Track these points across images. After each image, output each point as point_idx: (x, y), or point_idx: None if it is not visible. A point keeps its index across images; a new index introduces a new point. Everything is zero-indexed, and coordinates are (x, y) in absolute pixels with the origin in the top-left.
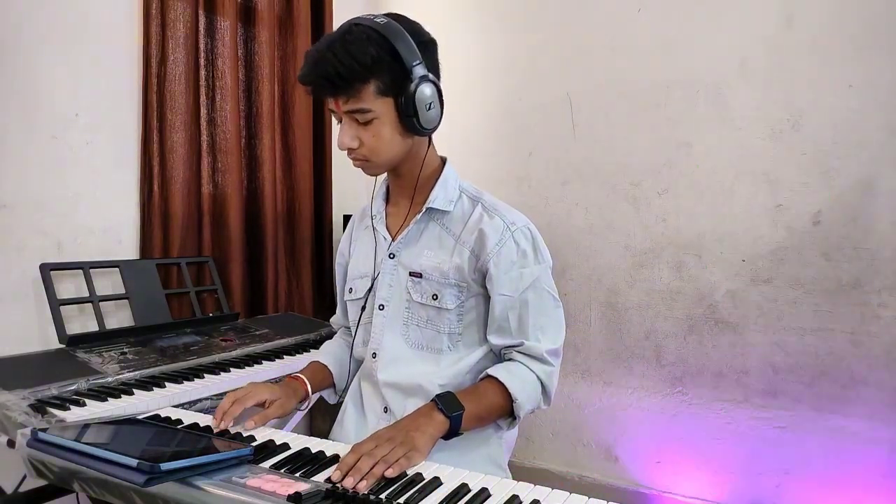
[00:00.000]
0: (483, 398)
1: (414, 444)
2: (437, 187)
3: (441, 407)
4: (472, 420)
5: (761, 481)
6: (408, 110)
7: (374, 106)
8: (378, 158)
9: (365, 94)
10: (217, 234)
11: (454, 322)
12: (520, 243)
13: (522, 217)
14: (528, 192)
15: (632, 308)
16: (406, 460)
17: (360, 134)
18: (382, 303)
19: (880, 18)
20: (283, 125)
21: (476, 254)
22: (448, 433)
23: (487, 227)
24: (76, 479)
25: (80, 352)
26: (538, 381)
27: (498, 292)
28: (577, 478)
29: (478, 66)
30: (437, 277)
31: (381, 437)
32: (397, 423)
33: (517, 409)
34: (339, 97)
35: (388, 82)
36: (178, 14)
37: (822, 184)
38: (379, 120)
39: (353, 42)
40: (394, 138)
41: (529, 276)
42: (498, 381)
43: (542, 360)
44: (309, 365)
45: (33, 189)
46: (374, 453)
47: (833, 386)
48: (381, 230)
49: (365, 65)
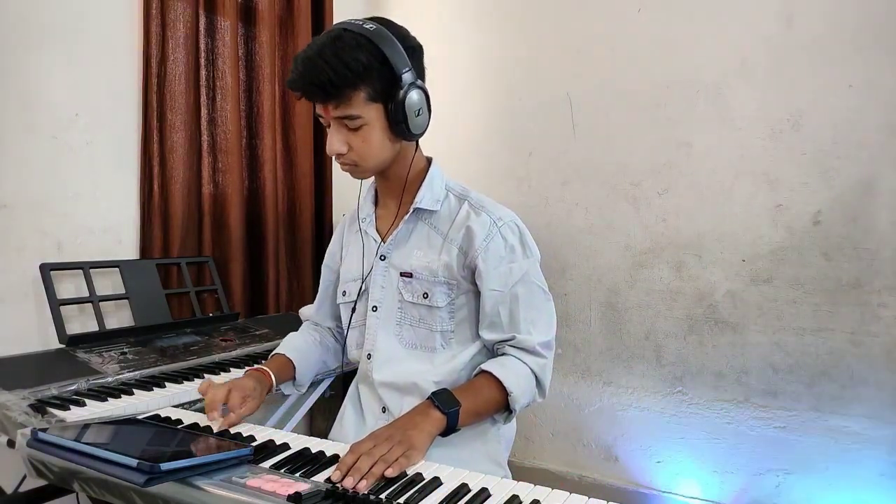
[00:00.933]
0: (479, 393)
1: (412, 443)
2: (424, 187)
3: (437, 404)
4: (469, 415)
5: (761, 481)
6: (397, 116)
7: (363, 112)
8: (367, 163)
9: (355, 100)
10: (217, 234)
11: (446, 320)
12: (507, 238)
13: (509, 212)
14: (528, 192)
15: (632, 308)
16: (405, 459)
17: (349, 139)
18: (375, 304)
19: (880, 18)
20: (284, 125)
21: (464, 251)
22: (445, 430)
23: (474, 224)
24: (76, 479)
25: (80, 352)
26: (532, 374)
27: (488, 287)
28: (576, 478)
29: (478, 66)
30: (427, 276)
31: (380, 437)
32: (395, 422)
33: (513, 402)
34: (328, 103)
35: (378, 89)
36: (179, 14)
37: (822, 184)
38: (368, 126)
39: (343, 48)
40: (383, 143)
41: (518, 270)
42: (492, 375)
43: (535, 353)
44: (273, 357)
45: (33, 189)
46: (373, 452)
47: (833, 386)
48: (370, 232)
49: (356, 71)
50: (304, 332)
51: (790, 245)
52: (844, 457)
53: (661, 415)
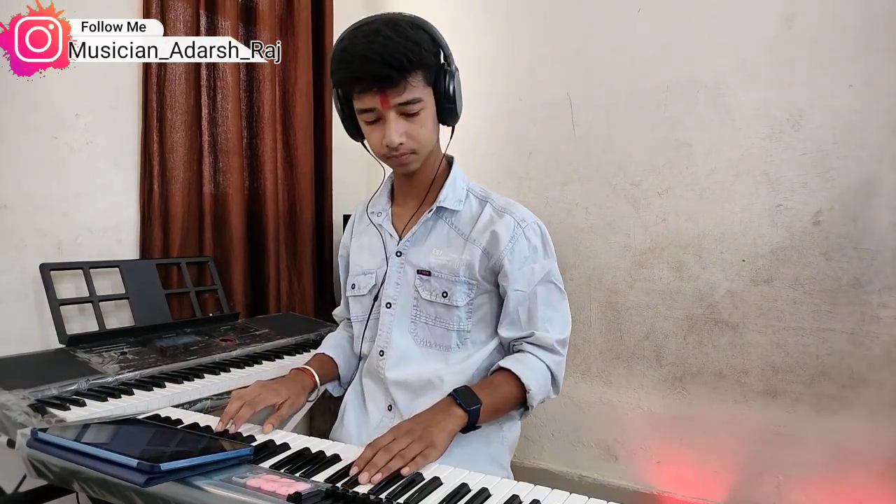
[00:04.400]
0: (498, 390)
1: (432, 441)
2: (447, 187)
3: (459, 401)
4: (489, 412)
5: (761, 481)
6: (448, 100)
7: (423, 95)
8: (423, 149)
9: (417, 83)
10: (218, 234)
11: (463, 319)
12: (531, 239)
13: (530, 213)
14: (528, 192)
15: (632, 308)
16: (422, 458)
17: (407, 128)
18: (390, 301)
19: (880, 18)
20: (284, 125)
21: (489, 252)
22: (466, 427)
23: (499, 226)
24: (76, 479)
25: (80, 352)
26: (548, 371)
27: (513, 288)
28: (576, 478)
29: (478, 66)
30: (447, 275)
31: (400, 430)
32: (417, 417)
33: (530, 398)
34: (393, 89)
35: (432, 72)
36: (179, 14)
37: (822, 184)
38: (425, 111)
39: (405, 30)
40: (434, 129)
41: (541, 270)
42: (511, 372)
43: (552, 350)
44: (315, 356)
45: (33, 189)
46: (391, 448)
47: (833, 386)
48: (387, 228)
49: (426, 49)
50: (341, 330)
51: (790, 245)
52: (844, 457)
53: (661, 415)
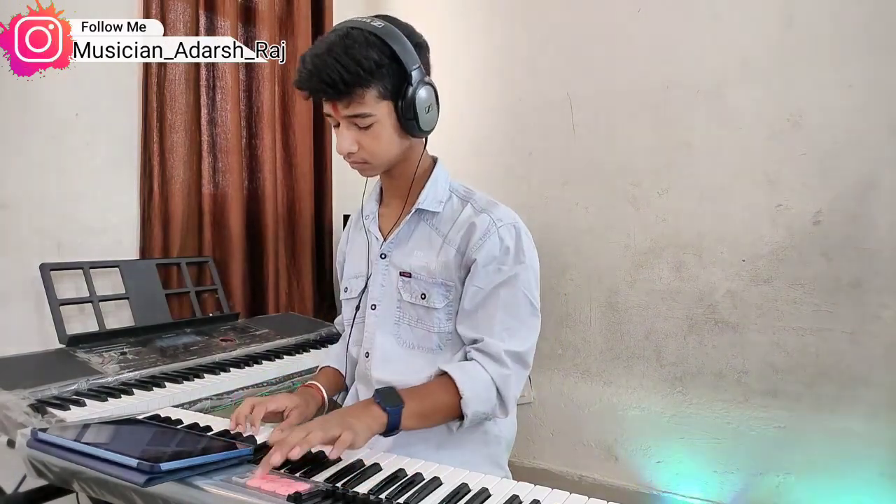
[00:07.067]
0: (428, 396)
1: (349, 426)
2: (427, 188)
3: (379, 401)
4: (416, 417)
5: (761, 481)
6: (408, 114)
7: (374, 110)
8: (377, 161)
9: (366, 98)
10: (217, 234)
11: (444, 321)
12: (504, 239)
13: (511, 214)
14: (528, 192)
15: (632, 308)
16: (349, 434)
17: (359, 138)
18: (374, 303)
19: (880, 18)
20: (284, 125)
21: (461, 251)
22: (387, 429)
23: (473, 224)
24: (76, 479)
25: (80, 352)
26: (492, 384)
27: (472, 283)
28: (576, 478)
29: (478, 66)
30: (426, 277)
31: (315, 422)
32: (332, 412)
33: (464, 405)
34: (339, 102)
35: (389, 86)
36: (179, 14)
37: (822, 184)
38: (379, 123)
39: (353, 46)
40: (392, 141)
41: (508, 272)
42: (448, 376)
43: (499, 361)
44: (321, 370)
45: (33, 189)
46: (307, 426)
47: (833, 386)
48: (373, 230)
49: (367, 69)
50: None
51: (790, 245)
52: (844, 457)
53: (661, 415)
